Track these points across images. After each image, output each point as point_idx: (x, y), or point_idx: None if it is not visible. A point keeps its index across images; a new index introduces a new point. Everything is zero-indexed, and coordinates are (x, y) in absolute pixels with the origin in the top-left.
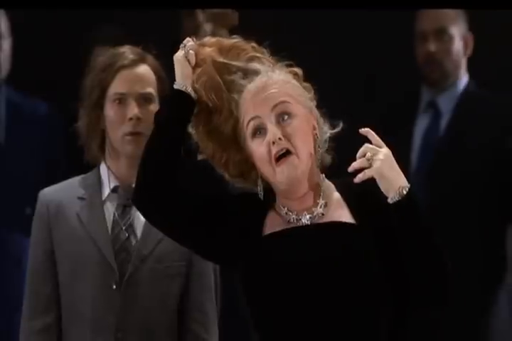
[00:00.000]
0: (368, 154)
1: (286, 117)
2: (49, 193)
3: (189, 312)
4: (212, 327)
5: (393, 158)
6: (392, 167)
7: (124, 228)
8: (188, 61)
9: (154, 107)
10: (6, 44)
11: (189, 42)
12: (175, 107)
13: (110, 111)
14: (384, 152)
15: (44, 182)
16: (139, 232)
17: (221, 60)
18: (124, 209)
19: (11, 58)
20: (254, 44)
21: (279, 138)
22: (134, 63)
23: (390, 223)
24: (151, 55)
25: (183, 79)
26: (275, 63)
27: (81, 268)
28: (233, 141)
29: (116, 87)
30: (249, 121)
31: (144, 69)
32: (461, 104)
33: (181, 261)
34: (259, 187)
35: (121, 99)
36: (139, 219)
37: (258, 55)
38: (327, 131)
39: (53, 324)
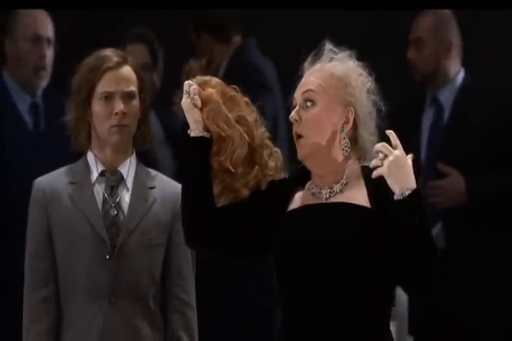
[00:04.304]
0: (381, 155)
1: (309, 104)
2: (43, 181)
3: (170, 276)
4: (191, 289)
5: (405, 160)
6: (400, 168)
7: (113, 205)
8: (195, 105)
9: (136, 103)
10: (51, 50)
11: (191, 86)
12: (197, 153)
13: (97, 107)
14: (395, 154)
15: None
16: (125, 209)
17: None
18: (112, 190)
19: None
20: (247, 99)
21: (295, 120)
22: (118, 65)
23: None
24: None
25: (195, 124)
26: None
27: (77, 243)
28: (252, 159)
29: (104, 86)
30: (293, 100)
31: (127, 70)
32: (460, 97)
33: (163, 233)
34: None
35: (108, 97)
36: (125, 198)
37: (246, 116)
38: (370, 130)
39: (52, 295)
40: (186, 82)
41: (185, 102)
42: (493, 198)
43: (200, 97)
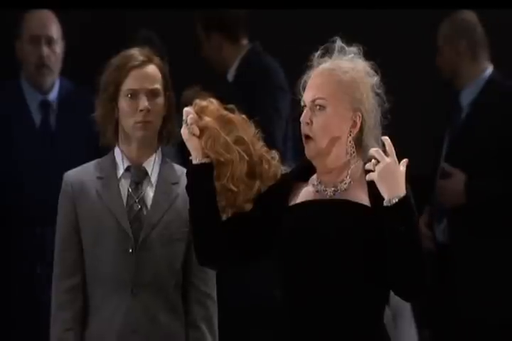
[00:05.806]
0: (373, 161)
1: (319, 108)
2: (72, 174)
3: (191, 269)
4: (211, 281)
5: (396, 168)
6: (390, 175)
7: (137, 201)
8: (193, 134)
9: (160, 100)
10: (59, 48)
11: (189, 114)
12: (199, 179)
13: (123, 103)
14: (386, 161)
15: None
16: (149, 204)
17: (218, 128)
18: (136, 186)
19: (63, 58)
20: (244, 116)
21: (306, 123)
22: (144, 63)
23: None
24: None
25: (195, 152)
26: (258, 140)
27: (102, 236)
28: (252, 174)
29: (129, 83)
30: (303, 106)
31: (152, 69)
32: (477, 98)
33: (184, 227)
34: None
35: (133, 94)
36: (149, 194)
37: (243, 135)
38: (374, 131)
39: (79, 284)
40: (185, 110)
41: (183, 132)
42: (491, 199)
43: (197, 126)
